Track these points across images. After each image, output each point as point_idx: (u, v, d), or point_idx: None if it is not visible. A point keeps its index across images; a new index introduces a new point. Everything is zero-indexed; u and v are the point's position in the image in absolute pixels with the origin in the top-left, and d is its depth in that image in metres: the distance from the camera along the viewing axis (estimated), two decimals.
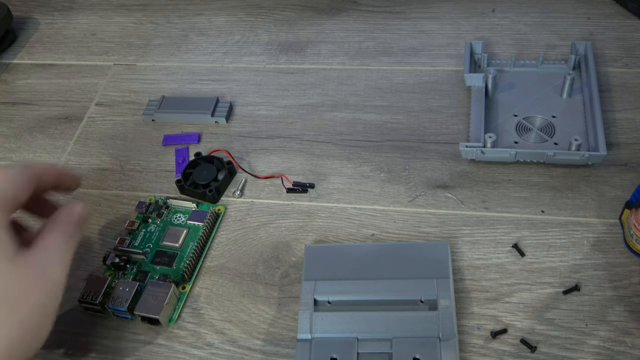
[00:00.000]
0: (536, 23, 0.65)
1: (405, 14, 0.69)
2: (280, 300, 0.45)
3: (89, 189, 0.55)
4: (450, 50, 0.63)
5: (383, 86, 0.60)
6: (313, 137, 0.57)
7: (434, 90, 0.59)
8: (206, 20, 0.72)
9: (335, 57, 0.65)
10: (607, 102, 0.55)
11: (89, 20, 0.75)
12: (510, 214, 0.48)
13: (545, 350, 0.40)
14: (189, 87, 0.64)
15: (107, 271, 0.48)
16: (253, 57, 0.66)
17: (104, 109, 0.63)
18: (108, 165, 0.57)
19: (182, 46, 0.69)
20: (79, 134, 0.61)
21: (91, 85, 0.66)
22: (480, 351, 0.41)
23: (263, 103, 0.61)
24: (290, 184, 0.52)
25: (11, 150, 0.60)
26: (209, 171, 0.53)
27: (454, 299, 0.42)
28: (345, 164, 0.54)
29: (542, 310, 0.42)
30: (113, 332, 0.45)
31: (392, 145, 0.55)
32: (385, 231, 0.49)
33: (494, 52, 0.62)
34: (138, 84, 0.65)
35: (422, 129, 0.56)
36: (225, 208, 0.52)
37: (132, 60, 0.68)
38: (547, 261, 0.45)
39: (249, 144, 0.57)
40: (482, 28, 0.65)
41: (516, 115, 0.54)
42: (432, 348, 0.39)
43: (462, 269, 0.45)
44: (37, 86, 0.67)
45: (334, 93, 0.61)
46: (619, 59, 0.59)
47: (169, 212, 0.51)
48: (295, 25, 0.69)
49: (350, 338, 0.40)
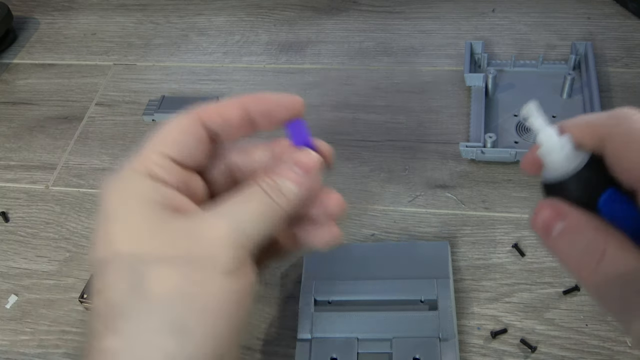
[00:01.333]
0: (536, 23, 0.65)
1: (405, 14, 0.69)
2: (280, 300, 0.45)
3: (89, 189, 0.55)
4: (450, 50, 0.63)
5: (383, 86, 0.60)
6: (313, 137, 0.57)
7: (434, 90, 0.59)
8: (206, 20, 0.72)
9: (335, 57, 0.64)
10: (607, 102, 0.55)
11: (89, 20, 0.75)
12: (510, 214, 0.48)
13: (545, 350, 0.40)
14: (189, 87, 0.64)
15: None
16: (253, 57, 0.66)
17: (104, 109, 0.63)
18: (108, 165, 0.57)
19: (182, 46, 0.69)
20: (79, 134, 0.61)
21: (91, 85, 0.66)
22: (480, 351, 0.41)
23: None
24: None
25: (11, 150, 0.60)
26: None
27: (454, 299, 0.42)
28: (345, 163, 0.54)
29: (542, 310, 0.42)
30: None
31: (392, 145, 0.55)
32: (385, 231, 0.49)
33: (494, 52, 0.62)
34: (138, 84, 0.65)
35: (422, 129, 0.56)
36: None
37: (132, 60, 0.68)
38: (547, 261, 0.45)
39: None
40: (482, 28, 0.65)
41: (516, 115, 0.54)
42: (432, 348, 0.39)
43: (462, 269, 0.45)
44: (37, 86, 0.67)
45: (334, 93, 0.61)
46: (619, 59, 0.59)
47: None
48: (295, 25, 0.69)
49: (350, 338, 0.40)
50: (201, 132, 0.28)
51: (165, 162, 0.27)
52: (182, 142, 0.28)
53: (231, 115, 0.29)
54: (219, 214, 0.26)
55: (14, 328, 0.46)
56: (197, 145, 0.28)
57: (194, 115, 0.28)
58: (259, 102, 0.29)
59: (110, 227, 0.25)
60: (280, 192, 0.27)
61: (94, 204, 0.54)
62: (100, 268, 0.25)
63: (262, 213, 0.26)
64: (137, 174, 0.26)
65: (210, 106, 0.29)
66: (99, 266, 0.25)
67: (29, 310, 0.47)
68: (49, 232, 0.52)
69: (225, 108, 0.29)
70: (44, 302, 0.47)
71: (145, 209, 0.25)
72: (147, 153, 0.27)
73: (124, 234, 0.25)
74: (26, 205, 0.55)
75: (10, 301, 0.48)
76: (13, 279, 0.49)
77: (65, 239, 0.52)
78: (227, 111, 0.29)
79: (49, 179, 0.57)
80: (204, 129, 0.28)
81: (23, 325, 0.46)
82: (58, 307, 0.47)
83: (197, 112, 0.29)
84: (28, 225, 0.53)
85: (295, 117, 0.30)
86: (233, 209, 0.26)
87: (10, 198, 0.56)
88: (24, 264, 0.50)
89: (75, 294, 0.47)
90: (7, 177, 0.58)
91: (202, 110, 0.29)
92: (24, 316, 0.47)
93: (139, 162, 0.27)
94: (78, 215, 0.53)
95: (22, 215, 0.54)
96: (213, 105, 0.29)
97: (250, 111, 0.29)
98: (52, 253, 0.51)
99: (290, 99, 0.30)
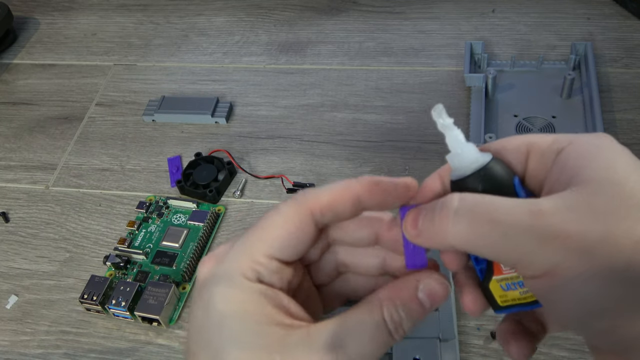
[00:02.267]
0: (536, 23, 0.65)
1: (405, 14, 0.69)
2: None
3: (89, 189, 0.55)
4: (450, 50, 0.63)
5: (383, 86, 0.60)
6: (313, 137, 0.57)
7: (434, 91, 0.59)
8: (206, 21, 0.72)
9: (335, 57, 0.65)
10: (607, 103, 0.55)
11: (89, 20, 0.75)
12: None
13: (545, 350, 0.40)
14: (189, 88, 0.64)
15: (108, 271, 0.48)
16: (253, 57, 0.66)
17: (104, 109, 0.63)
18: (108, 165, 0.57)
19: (182, 46, 0.69)
20: (79, 134, 0.61)
21: (91, 85, 0.66)
22: (480, 351, 0.41)
23: (263, 103, 0.61)
24: (290, 184, 0.52)
25: (11, 150, 0.60)
26: (209, 171, 0.53)
27: (454, 300, 0.42)
28: (345, 164, 0.54)
29: None
30: (113, 331, 0.45)
31: (392, 145, 0.55)
32: None
33: (494, 53, 0.62)
34: (138, 84, 0.65)
35: (422, 129, 0.56)
36: (226, 208, 0.52)
37: (132, 61, 0.68)
38: None
39: (249, 144, 0.57)
40: (482, 28, 0.65)
41: (516, 115, 0.54)
42: (432, 348, 0.39)
43: None
44: (37, 86, 0.67)
45: (334, 93, 0.61)
46: (619, 59, 0.60)
47: (169, 212, 0.51)
48: (295, 25, 0.69)
49: None
50: (311, 229, 0.26)
51: (272, 264, 0.26)
52: (292, 244, 0.26)
53: (345, 210, 0.27)
54: (328, 342, 0.24)
55: (14, 328, 0.46)
56: (306, 242, 0.26)
57: (304, 210, 0.26)
58: (372, 193, 0.27)
59: (204, 335, 0.25)
60: (402, 326, 0.25)
61: (94, 204, 0.54)
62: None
63: (375, 349, 0.24)
64: (246, 282, 0.25)
65: (321, 195, 0.26)
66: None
67: (29, 311, 0.47)
68: (49, 233, 0.52)
69: (338, 201, 0.26)
70: (44, 302, 0.47)
71: (257, 328, 0.24)
72: (254, 253, 0.26)
73: (217, 345, 0.24)
74: (26, 205, 0.55)
75: (11, 301, 0.48)
76: (13, 279, 0.49)
77: (65, 239, 0.52)
78: (340, 205, 0.26)
79: (49, 179, 0.57)
80: (314, 225, 0.26)
81: (23, 325, 0.46)
82: (58, 307, 0.47)
83: (307, 204, 0.26)
84: (28, 226, 0.53)
85: (408, 199, 0.28)
86: (344, 335, 0.25)
87: (11, 198, 0.56)
88: (24, 265, 0.50)
89: (75, 294, 0.47)
90: (7, 177, 0.58)
91: (313, 201, 0.26)
92: (24, 316, 0.47)
93: (246, 265, 0.25)
94: (78, 215, 0.53)
95: (23, 215, 0.54)
96: (324, 194, 0.27)
97: (363, 201, 0.27)
98: (52, 253, 0.51)
99: (404, 185, 0.27)
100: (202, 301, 0.25)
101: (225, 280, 0.26)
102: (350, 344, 0.24)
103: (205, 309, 0.25)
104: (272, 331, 0.25)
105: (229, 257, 0.26)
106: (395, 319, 0.25)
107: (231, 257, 0.26)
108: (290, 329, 0.25)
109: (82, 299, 0.45)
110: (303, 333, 0.25)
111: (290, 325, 0.25)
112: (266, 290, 0.25)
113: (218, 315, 0.25)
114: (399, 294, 0.26)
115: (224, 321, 0.25)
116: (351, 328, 0.25)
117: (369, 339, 0.25)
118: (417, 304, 0.26)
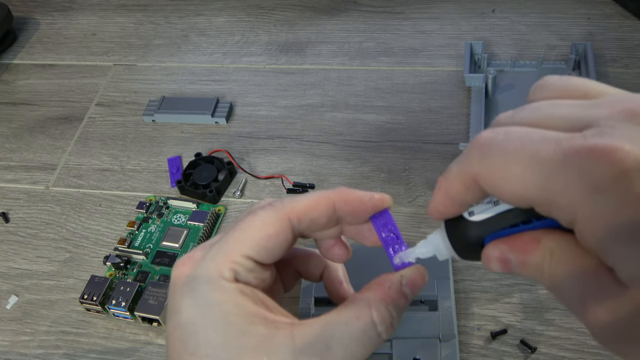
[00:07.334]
0: (536, 23, 0.65)
1: (405, 14, 0.69)
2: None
3: (89, 189, 0.55)
4: (450, 50, 0.63)
5: (383, 86, 0.60)
6: (313, 137, 0.57)
7: (434, 91, 0.59)
8: (206, 21, 0.72)
9: (335, 57, 0.65)
10: None
11: (89, 20, 0.75)
12: None
13: (545, 350, 0.41)
14: (189, 88, 0.64)
15: (108, 271, 0.48)
16: (253, 57, 0.66)
17: (104, 109, 0.63)
18: (108, 165, 0.57)
19: (182, 46, 0.69)
20: (79, 134, 0.61)
21: (91, 85, 0.66)
22: (480, 352, 0.41)
23: (263, 103, 0.61)
24: (290, 184, 0.52)
25: (11, 151, 0.60)
26: (209, 171, 0.53)
27: (454, 299, 0.42)
28: (345, 164, 0.54)
29: (542, 311, 0.42)
30: (113, 332, 0.45)
31: (392, 145, 0.55)
32: None
33: (494, 53, 0.62)
34: (138, 84, 0.65)
35: (422, 129, 0.56)
36: (226, 208, 0.52)
37: (132, 61, 0.68)
38: None
39: (249, 144, 0.57)
40: (482, 28, 0.65)
41: None
42: (432, 348, 0.39)
43: (462, 269, 0.45)
44: (37, 86, 0.67)
45: (334, 93, 0.61)
46: (619, 60, 0.60)
47: (169, 213, 0.51)
48: (295, 25, 0.69)
49: None
50: (289, 235, 0.27)
51: (249, 263, 0.26)
52: (269, 247, 0.27)
53: (321, 217, 0.28)
54: (310, 331, 0.25)
55: (14, 328, 0.46)
56: (283, 246, 0.27)
57: (282, 216, 0.27)
58: (348, 202, 0.28)
59: (190, 339, 0.25)
60: (392, 325, 0.26)
61: (94, 204, 0.54)
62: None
63: (363, 352, 0.25)
64: (224, 283, 0.26)
65: (299, 203, 0.28)
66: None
67: (29, 311, 0.47)
68: (49, 233, 0.52)
69: (315, 209, 0.28)
70: (44, 302, 0.47)
71: (241, 328, 0.25)
72: (231, 254, 0.26)
73: (204, 349, 0.25)
74: (26, 205, 0.55)
75: (11, 302, 0.48)
76: (13, 279, 0.49)
77: (65, 239, 0.52)
78: (316, 212, 0.28)
79: (49, 180, 0.57)
80: (291, 231, 0.27)
81: (23, 325, 0.46)
82: (58, 307, 0.47)
83: (284, 210, 0.27)
84: (28, 226, 0.53)
85: (380, 209, 0.29)
86: (330, 339, 0.25)
87: (11, 198, 0.56)
88: (24, 265, 0.50)
89: (76, 294, 0.47)
90: (7, 177, 0.58)
91: (291, 208, 0.27)
92: (24, 317, 0.47)
93: (224, 266, 0.26)
94: (78, 215, 0.53)
95: (22, 215, 0.54)
96: (301, 201, 0.28)
97: (338, 210, 0.28)
98: (52, 254, 0.51)
99: (380, 197, 0.28)
100: (184, 306, 0.26)
101: (204, 283, 0.26)
102: (337, 347, 0.25)
103: (187, 314, 0.25)
104: (256, 331, 0.25)
105: (206, 260, 0.26)
106: (386, 320, 0.25)
107: (208, 260, 0.26)
108: (274, 327, 0.25)
109: (82, 299, 0.45)
110: (287, 335, 0.25)
111: (273, 321, 0.25)
112: (244, 289, 0.26)
113: (201, 320, 0.25)
114: (387, 292, 0.26)
115: (207, 326, 0.25)
116: (337, 331, 0.25)
117: (357, 343, 0.25)
118: (404, 298, 0.26)
